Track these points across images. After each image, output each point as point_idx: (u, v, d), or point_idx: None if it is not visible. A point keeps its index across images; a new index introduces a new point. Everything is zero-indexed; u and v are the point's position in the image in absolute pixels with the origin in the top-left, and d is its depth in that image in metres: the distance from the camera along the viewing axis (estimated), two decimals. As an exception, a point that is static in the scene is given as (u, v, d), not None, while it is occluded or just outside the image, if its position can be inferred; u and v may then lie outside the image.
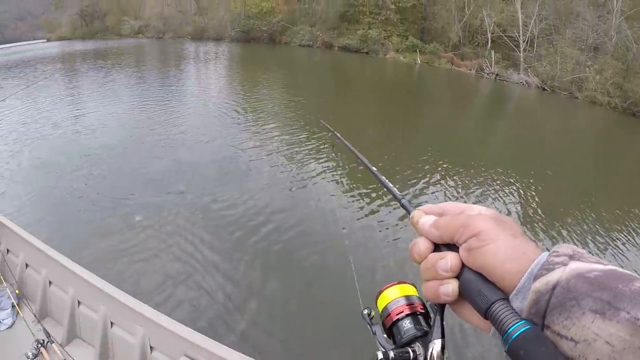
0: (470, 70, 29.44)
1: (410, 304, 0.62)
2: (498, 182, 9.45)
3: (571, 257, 0.44)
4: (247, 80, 21.03)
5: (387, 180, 0.80)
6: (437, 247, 0.56)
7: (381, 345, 0.63)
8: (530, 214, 8.15)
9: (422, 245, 0.56)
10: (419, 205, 0.63)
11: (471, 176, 9.70)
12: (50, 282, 3.27)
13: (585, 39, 25.17)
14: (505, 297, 0.46)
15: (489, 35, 29.94)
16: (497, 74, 27.64)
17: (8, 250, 3.70)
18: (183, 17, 52.34)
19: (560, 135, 15.32)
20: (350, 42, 35.08)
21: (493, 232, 0.49)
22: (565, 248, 0.45)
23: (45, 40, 68.52)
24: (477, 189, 9.09)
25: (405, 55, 32.46)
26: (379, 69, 29.49)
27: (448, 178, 9.43)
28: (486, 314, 0.46)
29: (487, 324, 0.48)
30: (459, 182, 9.30)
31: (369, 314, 0.73)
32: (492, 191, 8.97)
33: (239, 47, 38.72)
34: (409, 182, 8.95)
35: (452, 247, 0.53)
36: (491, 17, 29.71)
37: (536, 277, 0.44)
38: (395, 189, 0.76)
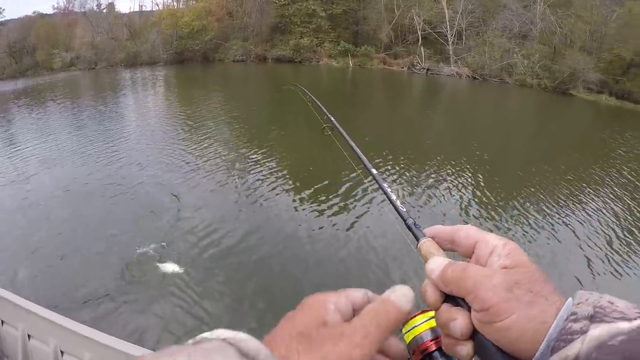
0: (402, 67, 29.37)
1: (435, 339, 0.55)
2: (447, 170, 9.12)
3: (592, 319, 0.38)
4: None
5: (388, 189, 0.67)
6: (448, 296, 0.48)
7: None
8: (479, 196, 7.97)
9: (431, 296, 0.49)
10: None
11: (416, 166, 9.27)
12: (29, 336, 3.05)
13: (512, 28, 25.45)
14: None
15: (419, 33, 29.91)
16: (428, 69, 27.61)
17: None
18: (115, 44, 49.59)
19: (494, 116, 15.46)
20: (283, 52, 34.39)
21: (505, 306, 0.41)
22: (585, 307, 0.39)
23: (-27, 83, 64.35)
24: (423, 179, 8.66)
25: (338, 60, 32.11)
26: (312, 75, 28.76)
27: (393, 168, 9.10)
28: None
29: None
30: (403, 171, 9.03)
31: None
32: (437, 180, 8.54)
33: (174, 69, 36.81)
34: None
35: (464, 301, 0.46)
36: (420, 15, 29.78)
37: (554, 350, 0.38)
38: (398, 203, 0.63)
